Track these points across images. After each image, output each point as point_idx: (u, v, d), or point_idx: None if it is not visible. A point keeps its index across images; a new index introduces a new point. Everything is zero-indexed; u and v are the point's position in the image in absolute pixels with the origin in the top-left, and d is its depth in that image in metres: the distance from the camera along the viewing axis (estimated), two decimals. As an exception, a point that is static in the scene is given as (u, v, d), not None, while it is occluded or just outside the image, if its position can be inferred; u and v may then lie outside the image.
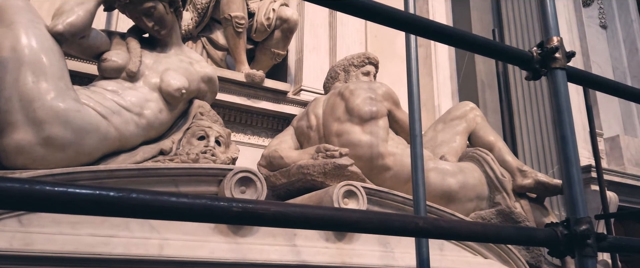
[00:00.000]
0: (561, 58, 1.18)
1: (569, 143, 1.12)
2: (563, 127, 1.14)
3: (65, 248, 1.47)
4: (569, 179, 1.10)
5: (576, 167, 1.11)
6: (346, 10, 1.02)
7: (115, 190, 0.70)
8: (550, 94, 1.19)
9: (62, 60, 1.73)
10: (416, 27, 1.09)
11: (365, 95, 2.38)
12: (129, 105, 1.90)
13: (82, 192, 0.68)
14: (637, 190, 4.08)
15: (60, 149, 1.63)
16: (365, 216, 0.89)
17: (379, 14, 1.04)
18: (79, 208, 0.68)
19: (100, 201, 0.69)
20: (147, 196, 0.72)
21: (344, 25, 3.38)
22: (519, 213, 2.28)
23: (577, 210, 1.08)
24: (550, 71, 1.18)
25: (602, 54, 4.95)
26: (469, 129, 2.64)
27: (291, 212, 0.82)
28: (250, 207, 0.78)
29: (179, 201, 0.73)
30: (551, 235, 1.05)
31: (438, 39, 1.14)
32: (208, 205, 0.75)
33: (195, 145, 2.01)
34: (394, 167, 2.28)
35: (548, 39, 1.19)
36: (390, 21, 1.06)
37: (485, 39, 1.18)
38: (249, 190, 1.79)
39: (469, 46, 1.17)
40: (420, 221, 0.94)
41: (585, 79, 1.30)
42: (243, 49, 2.90)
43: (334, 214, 0.86)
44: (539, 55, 1.20)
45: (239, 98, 2.78)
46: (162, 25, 2.11)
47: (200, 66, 2.21)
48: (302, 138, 2.54)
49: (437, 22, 1.13)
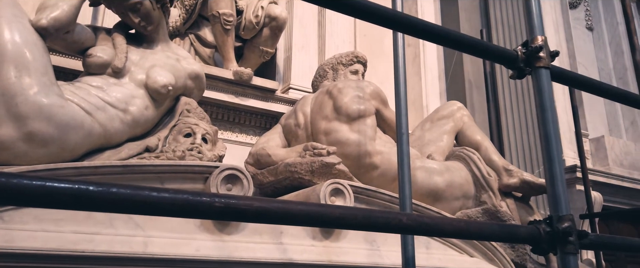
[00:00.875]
0: (545, 57, 1.19)
1: (552, 142, 1.13)
2: (546, 126, 1.15)
3: (47, 245, 1.45)
4: (552, 177, 1.11)
5: (559, 165, 1.12)
6: (334, 7, 1.02)
7: (95, 184, 0.69)
8: (535, 92, 1.20)
9: (46, 56, 1.71)
10: (403, 25, 1.10)
11: (353, 94, 2.38)
12: (114, 102, 1.88)
13: (61, 186, 0.67)
14: (621, 190, 4.14)
15: (43, 145, 1.61)
16: (349, 212, 0.89)
17: (366, 11, 1.04)
18: (58, 203, 0.67)
19: (80, 195, 0.68)
20: (127, 191, 0.71)
21: (333, 24, 3.38)
22: (504, 212, 2.30)
23: (560, 208, 1.09)
24: (534, 70, 1.19)
25: (588, 55, 5.01)
26: (456, 128, 2.66)
27: (274, 208, 0.81)
28: (233, 203, 0.78)
29: (160, 196, 0.73)
30: (534, 232, 1.06)
31: (424, 37, 1.14)
32: (190, 200, 0.75)
33: (181, 142, 1.99)
34: (382, 166, 2.29)
35: (533, 38, 1.20)
36: (377, 19, 1.06)
37: (471, 38, 1.19)
38: (235, 188, 1.78)
39: (455, 45, 1.17)
40: (404, 217, 0.94)
41: (568, 78, 1.31)
42: (231, 47, 2.89)
43: (317, 210, 0.86)
44: (524, 54, 1.20)
45: (227, 96, 2.76)
46: (149, 21, 2.09)
47: (187, 63, 2.19)
48: (290, 137, 2.54)
49: (424, 20, 1.14)
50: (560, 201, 1.10)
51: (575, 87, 1.40)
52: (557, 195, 1.10)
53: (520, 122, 3.75)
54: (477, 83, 3.78)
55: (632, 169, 4.29)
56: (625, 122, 4.75)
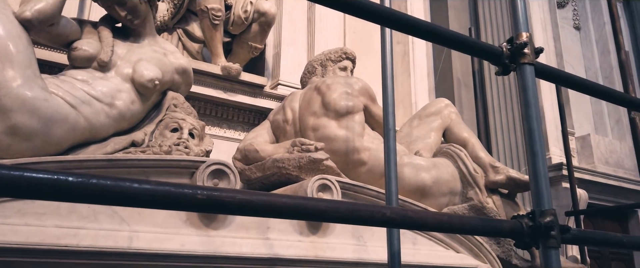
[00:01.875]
0: (530, 53, 1.20)
1: (536, 137, 1.14)
2: (530, 121, 1.16)
3: (30, 239, 1.43)
4: (535, 172, 1.12)
5: (542, 161, 1.13)
6: (323, 2, 1.02)
7: (75, 175, 0.68)
8: (519, 88, 1.20)
9: (29, 48, 1.68)
10: (390, 20, 1.10)
11: (341, 90, 2.38)
12: (100, 96, 1.86)
13: (40, 177, 0.66)
14: (606, 188, 4.19)
15: (26, 138, 1.59)
16: (333, 205, 0.89)
17: (354, 6, 1.04)
18: (37, 193, 0.66)
19: (59, 186, 0.67)
20: (108, 182, 0.70)
21: (322, 21, 3.38)
22: (490, 208, 2.32)
23: (542, 203, 1.10)
24: (519, 66, 1.20)
25: (575, 54, 5.06)
26: (444, 125, 2.67)
27: (257, 200, 0.81)
28: (216, 195, 0.77)
29: (141, 188, 0.72)
30: (516, 226, 1.07)
31: (411, 33, 1.14)
32: (171, 192, 0.74)
33: (168, 137, 1.98)
34: (369, 162, 2.29)
35: (517, 34, 1.21)
36: (364, 14, 1.06)
37: (457, 34, 1.19)
38: (222, 183, 1.77)
39: (441, 40, 1.17)
40: (388, 211, 0.94)
41: (553, 75, 1.32)
42: (219, 42, 2.88)
43: (300, 203, 0.86)
44: (509, 50, 1.21)
45: (215, 91, 2.75)
46: (136, 14, 2.07)
47: (175, 57, 2.18)
48: (278, 132, 2.54)
49: (411, 15, 1.14)
50: (542, 196, 1.11)
51: (559, 84, 1.41)
52: (539, 190, 1.11)
53: (507, 120, 3.78)
54: (465, 81, 3.80)
55: (617, 167, 4.35)
56: (611, 120, 4.81)
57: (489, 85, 3.82)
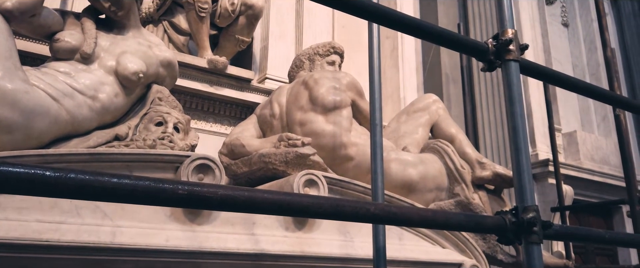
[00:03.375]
0: (515, 50, 1.20)
1: (520, 134, 1.15)
2: (515, 118, 1.16)
3: (10, 234, 1.41)
4: (518, 168, 1.13)
5: (526, 157, 1.13)
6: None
7: (52, 169, 0.67)
8: (504, 85, 1.20)
9: (10, 39, 1.65)
10: (377, 15, 1.09)
11: (329, 85, 2.37)
12: (83, 88, 1.83)
13: (17, 171, 0.65)
14: (591, 184, 4.24)
15: (7, 131, 1.56)
16: (316, 201, 0.88)
17: (342, 1, 1.03)
18: (13, 188, 0.65)
19: (36, 180, 0.65)
20: (86, 176, 0.69)
21: (311, 14, 3.36)
22: (477, 204, 2.33)
23: (525, 199, 1.10)
24: (504, 63, 1.20)
25: (563, 51, 5.09)
26: (432, 120, 2.67)
27: (239, 195, 0.80)
28: (197, 190, 0.76)
29: (120, 182, 0.71)
30: (499, 222, 1.07)
31: (398, 28, 1.14)
32: (151, 187, 0.73)
33: (152, 131, 1.96)
34: (357, 157, 2.29)
35: (503, 31, 1.21)
36: (352, 9, 1.05)
37: (443, 30, 1.19)
38: (207, 178, 1.75)
39: (427, 36, 1.17)
40: (372, 207, 0.94)
41: (538, 72, 1.32)
42: (206, 35, 2.85)
43: (283, 199, 0.85)
44: (494, 46, 1.21)
45: (201, 84, 2.73)
46: (119, 6, 2.04)
47: (159, 50, 2.15)
48: (265, 127, 2.52)
49: (398, 11, 1.13)
50: (525, 192, 1.11)
51: (544, 81, 1.42)
52: (523, 186, 1.11)
53: (495, 115, 3.80)
54: (453, 76, 3.81)
55: (603, 164, 4.40)
56: (597, 117, 4.86)
57: (477, 80, 3.84)
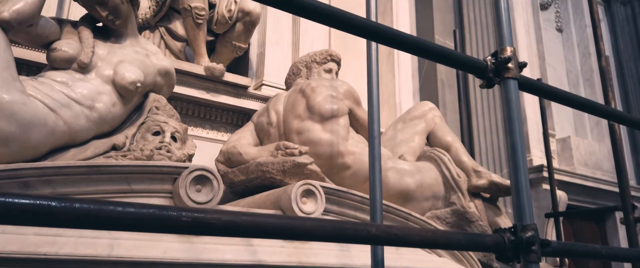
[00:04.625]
0: (513, 68, 1.21)
1: (518, 152, 1.16)
2: (513, 136, 1.17)
3: (7, 248, 1.40)
4: (517, 186, 1.14)
5: (524, 175, 1.14)
6: (309, 16, 1.01)
7: (57, 199, 0.67)
8: (503, 102, 1.21)
9: (7, 50, 1.64)
10: (376, 34, 1.10)
11: (326, 93, 2.37)
12: (80, 98, 1.83)
13: (23, 202, 0.65)
14: (585, 189, 4.27)
15: (4, 144, 1.55)
16: (319, 224, 0.88)
17: (340, 20, 1.04)
18: (19, 220, 0.65)
19: (42, 212, 0.65)
20: (91, 206, 0.69)
21: (308, 20, 3.35)
22: (472, 213, 2.34)
23: (524, 217, 1.11)
24: (503, 80, 1.21)
25: (557, 56, 5.13)
26: (428, 128, 2.69)
27: (242, 221, 0.80)
28: (201, 217, 0.76)
29: (125, 211, 0.71)
30: (498, 241, 1.08)
31: (397, 47, 1.14)
32: (156, 215, 0.73)
33: (149, 140, 1.95)
34: (354, 166, 2.30)
35: (502, 48, 1.22)
36: (349, 27, 1.06)
37: (442, 48, 1.20)
38: (205, 189, 1.75)
39: (426, 54, 1.18)
40: (373, 229, 0.94)
41: (536, 88, 1.33)
42: (203, 41, 2.84)
43: (286, 223, 0.85)
44: (493, 64, 1.22)
45: (198, 91, 2.72)
46: (117, 15, 2.04)
47: (157, 58, 2.15)
48: (262, 135, 2.52)
49: (397, 30, 1.14)
50: (524, 210, 1.12)
51: (542, 97, 1.43)
52: (521, 204, 1.12)
53: (490, 122, 3.82)
54: (449, 82, 3.82)
55: (596, 169, 4.43)
56: (590, 122, 4.90)
57: (472, 86, 3.86)
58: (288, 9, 1.01)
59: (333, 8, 1.03)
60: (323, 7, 1.02)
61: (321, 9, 1.01)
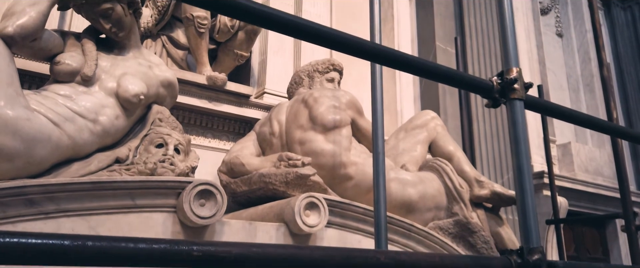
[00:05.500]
0: (520, 89, 1.21)
1: (525, 174, 1.16)
2: (520, 157, 1.17)
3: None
4: (524, 208, 1.14)
5: (531, 197, 1.14)
6: (312, 39, 1.01)
7: (70, 237, 0.67)
8: (509, 123, 1.22)
9: (11, 65, 1.64)
10: (382, 57, 1.10)
11: (329, 104, 2.37)
12: (83, 111, 1.82)
13: (35, 242, 0.66)
14: (585, 195, 4.28)
15: (8, 160, 1.55)
16: (327, 253, 0.89)
17: (344, 43, 1.04)
18: (33, 260, 0.66)
19: (55, 252, 0.66)
20: (103, 243, 0.70)
21: (309, 28, 3.35)
22: (475, 223, 2.34)
23: (531, 240, 1.11)
24: (509, 101, 1.21)
25: (557, 61, 5.13)
26: (430, 138, 2.69)
27: (253, 253, 0.81)
28: (212, 250, 0.77)
29: (137, 247, 0.71)
30: (505, 263, 1.09)
31: (403, 69, 1.14)
32: (167, 250, 0.74)
33: (153, 153, 1.95)
34: (356, 177, 2.29)
35: (508, 69, 1.22)
36: (355, 51, 1.06)
37: (448, 69, 1.20)
38: (209, 203, 1.75)
39: (432, 76, 1.18)
40: (382, 256, 0.95)
41: (542, 107, 1.34)
42: (205, 50, 2.84)
43: (295, 253, 0.86)
44: (499, 85, 1.22)
45: (200, 101, 2.72)
46: (120, 27, 2.03)
47: (160, 70, 2.15)
48: (264, 145, 2.52)
49: (402, 52, 1.14)
50: (531, 233, 1.12)
51: (548, 115, 1.43)
52: (528, 227, 1.12)
53: (491, 128, 3.82)
54: (450, 89, 3.83)
55: (596, 175, 4.44)
56: (590, 127, 4.90)
57: (473, 93, 3.86)
58: (293, 33, 1.01)
59: (337, 32, 1.03)
60: (328, 31, 1.01)
61: (326, 33, 1.01)
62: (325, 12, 3.55)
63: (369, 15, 1.96)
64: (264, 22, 0.95)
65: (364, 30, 3.91)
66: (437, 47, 3.87)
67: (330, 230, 2.06)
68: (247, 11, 0.91)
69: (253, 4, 0.92)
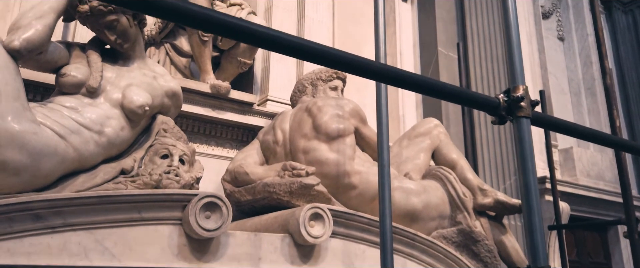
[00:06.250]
0: (526, 107, 1.21)
1: (532, 191, 1.16)
2: (527, 175, 1.17)
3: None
4: (531, 227, 1.14)
5: (538, 216, 1.15)
6: (316, 60, 1.02)
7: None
8: (515, 141, 1.22)
9: (18, 79, 1.64)
10: (390, 77, 1.10)
11: (332, 112, 2.38)
12: (89, 123, 1.83)
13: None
14: (587, 199, 4.28)
15: (15, 174, 1.55)
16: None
17: (352, 65, 1.04)
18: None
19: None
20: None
21: (312, 34, 3.36)
22: (479, 232, 2.35)
23: (538, 259, 1.12)
24: (515, 118, 1.22)
25: (559, 65, 5.14)
26: (433, 145, 2.69)
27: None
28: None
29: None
30: (513, 283, 1.09)
31: (411, 88, 1.15)
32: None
33: (158, 164, 1.95)
34: (360, 186, 2.30)
35: (514, 87, 1.23)
36: (363, 72, 1.06)
37: (454, 87, 1.20)
38: (214, 215, 1.76)
39: (439, 94, 1.18)
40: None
41: (549, 123, 1.34)
42: (208, 58, 2.85)
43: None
44: (505, 102, 1.22)
45: (203, 109, 2.72)
46: (125, 38, 2.04)
47: (164, 80, 2.15)
48: (268, 153, 2.52)
49: (409, 72, 1.15)
50: (538, 251, 1.12)
51: (554, 131, 1.44)
52: (535, 245, 1.13)
53: (493, 133, 3.83)
54: (452, 94, 3.83)
55: (598, 179, 4.44)
56: (592, 132, 4.90)
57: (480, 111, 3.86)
58: (298, 55, 1.01)
59: (344, 53, 1.03)
60: (335, 53, 1.02)
61: (332, 55, 1.02)
62: (327, 17, 3.55)
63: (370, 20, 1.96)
64: (271, 45, 0.95)
65: (365, 33, 3.92)
66: (439, 52, 3.87)
67: (334, 240, 2.07)
68: (254, 35, 0.91)
69: (260, 27, 0.92)
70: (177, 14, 0.81)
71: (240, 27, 0.89)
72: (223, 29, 0.88)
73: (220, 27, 0.87)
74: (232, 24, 0.88)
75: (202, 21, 0.85)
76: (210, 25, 0.86)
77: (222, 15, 0.87)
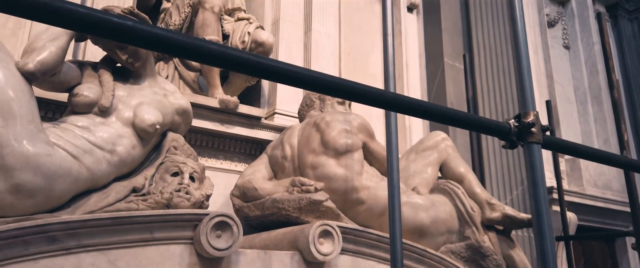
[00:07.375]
0: (537, 132, 1.22)
1: (544, 218, 1.17)
2: (538, 201, 1.18)
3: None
4: (543, 253, 1.15)
5: (550, 242, 1.15)
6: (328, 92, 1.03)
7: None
8: (527, 167, 1.23)
9: (32, 101, 1.67)
10: (399, 106, 1.11)
11: (340, 128, 2.39)
12: (101, 143, 1.85)
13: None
14: (594, 209, 4.27)
15: (30, 196, 1.58)
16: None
17: (362, 95, 1.06)
18: None
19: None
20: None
21: (319, 47, 3.38)
22: (487, 247, 2.35)
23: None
24: (526, 144, 1.23)
25: (565, 74, 5.14)
26: (441, 159, 2.70)
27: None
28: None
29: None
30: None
31: (422, 116, 1.16)
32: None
33: (168, 182, 1.97)
34: (368, 201, 2.31)
35: (525, 112, 1.24)
36: (372, 101, 1.08)
37: (466, 114, 1.22)
38: (225, 235, 1.77)
39: (451, 121, 1.19)
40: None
41: (560, 147, 1.35)
42: (217, 73, 2.87)
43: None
44: (516, 128, 1.23)
45: (212, 124, 2.74)
46: (137, 58, 2.06)
47: (175, 98, 2.17)
48: (276, 168, 2.54)
49: (418, 99, 1.16)
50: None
51: (565, 154, 1.45)
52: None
53: (500, 144, 3.83)
54: (459, 105, 3.84)
55: (605, 189, 4.43)
56: (599, 141, 4.90)
57: (482, 108, 3.87)
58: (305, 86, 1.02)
59: (354, 83, 1.04)
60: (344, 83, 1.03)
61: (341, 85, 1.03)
62: (333, 30, 3.57)
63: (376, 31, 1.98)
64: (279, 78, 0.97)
65: (371, 43, 3.93)
66: (445, 63, 3.88)
67: (343, 257, 2.08)
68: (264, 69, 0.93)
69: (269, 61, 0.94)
70: (188, 51, 0.82)
71: (253, 62, 0.91)
72: (234, 64, 0.89)
73: (231, 62, 0.89)
74: (242, 59, 0.89)
75: (215, 57, 0.86)
76: (222, 61, 0.87)
77: (233, 51, 0.88)
